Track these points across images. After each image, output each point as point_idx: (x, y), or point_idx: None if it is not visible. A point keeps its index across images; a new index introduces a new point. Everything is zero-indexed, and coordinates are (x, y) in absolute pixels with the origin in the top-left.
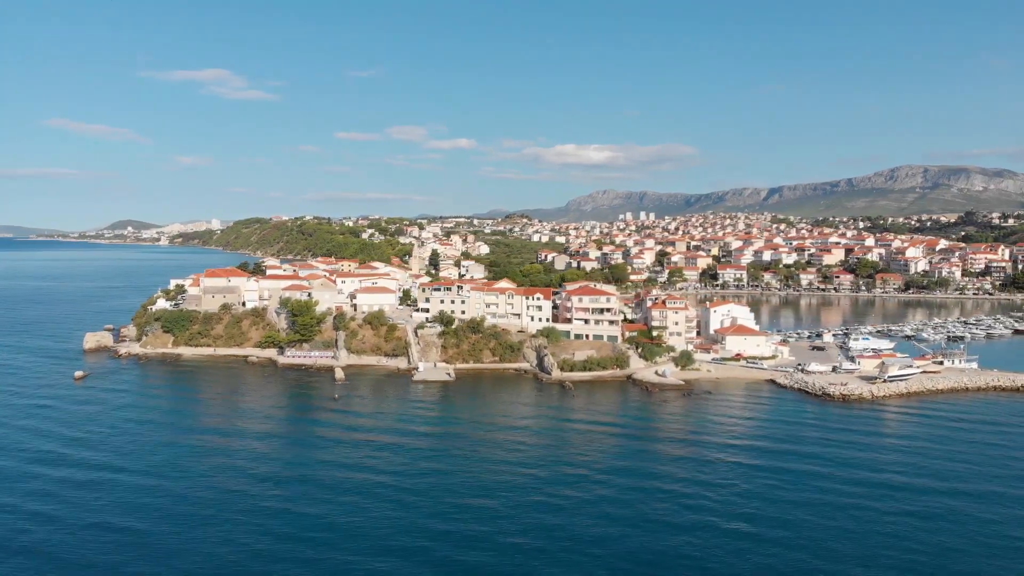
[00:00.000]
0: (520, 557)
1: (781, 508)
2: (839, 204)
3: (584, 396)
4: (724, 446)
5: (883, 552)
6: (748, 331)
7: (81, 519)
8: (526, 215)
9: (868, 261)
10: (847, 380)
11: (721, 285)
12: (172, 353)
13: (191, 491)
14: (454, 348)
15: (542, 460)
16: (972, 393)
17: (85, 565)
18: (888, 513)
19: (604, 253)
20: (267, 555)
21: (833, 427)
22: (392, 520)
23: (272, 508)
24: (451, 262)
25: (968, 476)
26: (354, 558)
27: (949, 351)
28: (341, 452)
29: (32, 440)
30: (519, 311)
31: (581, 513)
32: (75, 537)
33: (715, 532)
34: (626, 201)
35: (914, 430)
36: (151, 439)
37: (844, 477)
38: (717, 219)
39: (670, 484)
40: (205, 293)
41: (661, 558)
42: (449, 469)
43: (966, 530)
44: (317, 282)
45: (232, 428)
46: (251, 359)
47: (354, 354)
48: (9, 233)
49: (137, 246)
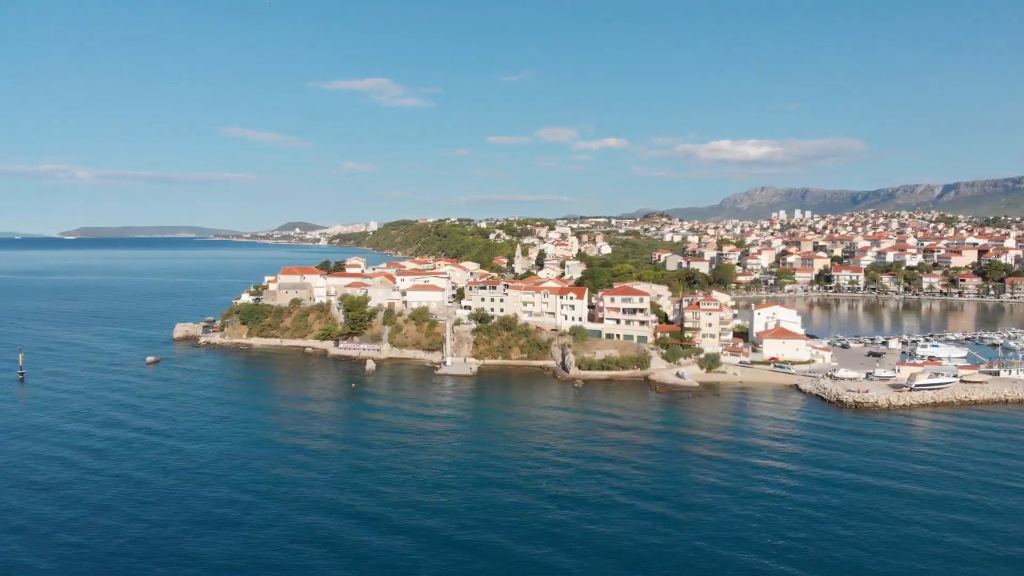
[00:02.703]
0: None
1: (717, 501)
2: (1022, 202)
3: (588, 394)
4: (692, 444)
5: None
6: (787, 334)
7: (111, 470)
8: (666, 215)
9: (1000, 264)
10: (869, 387)
11: (835, 288)
12: (244, 343)
13: (191, 455)
14: (485, 344)
15: (504, 452)
16: (1013, 406)
17: (102, 507)
18: (826, 513)
19: (720, 254)
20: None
21: (826, 434)
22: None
23: (230, 468)
24: (556, 262)
25: (942, 483)
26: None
27: (1006, 361)
28: (319, 428)
29: (98, 408)
30: (553, 310)
31: (528, 504)
32: (100, 485)
33: (640, 515)
34: (785, 198)
35: (912, 439)
36: (183, 412)
37: (801, 480)
38: (869, 219)
39: (619, 481)
40: (280, 289)
41: (595, 547)
42: (407, 455)
43: (902, 532)
44: (377, 280)
45: (248, 405)
46: (307, 350)
47: (396, 347)
48: (192, 233)
49: (299, 246)
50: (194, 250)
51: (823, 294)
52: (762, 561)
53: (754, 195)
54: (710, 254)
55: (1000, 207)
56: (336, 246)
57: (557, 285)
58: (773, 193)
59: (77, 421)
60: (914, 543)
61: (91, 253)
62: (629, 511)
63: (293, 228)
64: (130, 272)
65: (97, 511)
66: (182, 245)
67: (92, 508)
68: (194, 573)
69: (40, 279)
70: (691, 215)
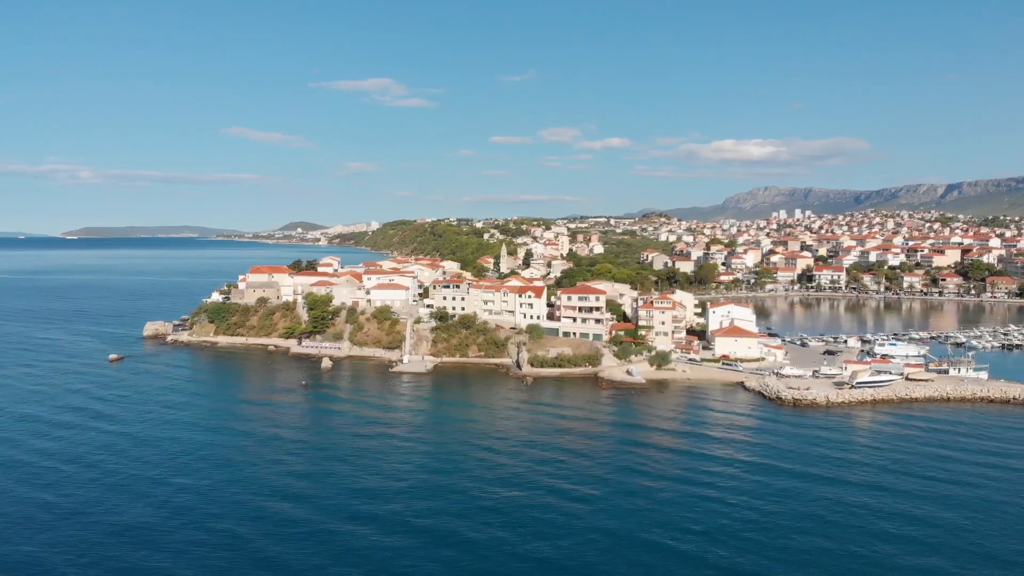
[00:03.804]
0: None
1: (627, 490)
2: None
3: (536, 390)
4: (626, 437)
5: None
6: (740, 332)
7: (63, 454)
8: (664, 215)
9: (981, 263)
10: (811, 385)
11: (816, 287)
12: (210, 341)
13: (130, 442)
14: (444, 342)
15: (440, 443)
16: (953, 403)
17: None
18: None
19: (707, 253)
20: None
21: (761, 429)
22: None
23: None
24: (543, 262)
25: (863, 473)
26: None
27: (956, 359)
28: (257, 424)
29: (48, 401)
30: (513, 308)
31: (412, 496)
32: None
33: (566, 500)
34: (789, 198)
35: (844, 434)
36: (137, 406)
37: (727, 469)
38: (865, 219)
39: (547, 467)
40: (248, 288)
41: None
42: (341, 449)
43: (810, 514)
44: (343, 279)
45: (190, 402)
46: (270, 348)
47: (357, 345)
48: (194, 233)
49: (300, 246)
50: (194, 250)
51: (804, 293)
52: (678, 543)
53: (757, 195)
54: (697, 254)
55: (1004, 207)
56: (336, 246)
57: (521, 284)
58: (776, 193)
59: (26, 411)
60: (817, 523)
61: (91, 253)
62: (559, 497)
63: (295, 228)
64: (125, 271)
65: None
66: (184, 245)
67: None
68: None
69: (36, 278)
70: (694, 215)
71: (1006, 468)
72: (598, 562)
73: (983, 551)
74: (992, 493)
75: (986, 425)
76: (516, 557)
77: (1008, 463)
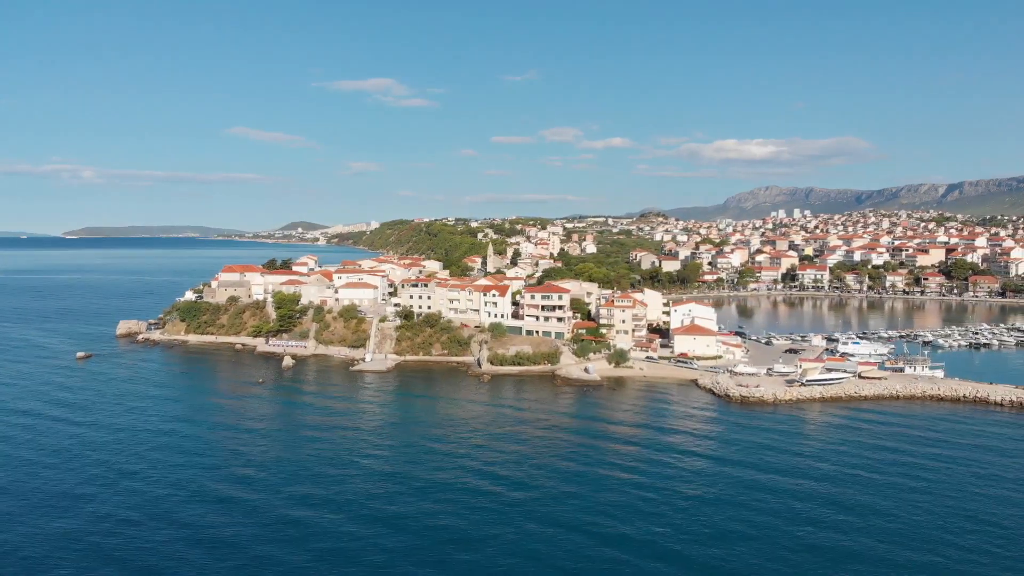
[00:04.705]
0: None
1: (578, 483)
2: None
3: (493, 388)
4: (568, 433)
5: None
6: (699, 330)
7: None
8: (663, 214)
9: (965, 263)
10: (761, 383)
11: (799, 287)
12: (180, 339)
13: (90, 438)
14: (408, 340)
15: (380, 440)
16: (903, 401)
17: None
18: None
19: (695, 253)
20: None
21: (706, 424)
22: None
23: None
24: (531, 262)
25: (800, 470)
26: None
27: (911, 357)
28: (203, 420)
29: (16, 395)
30: (478, 307)
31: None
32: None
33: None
34: (790, 198)
35: (788, 430)
36: (100, 403)
37: (665, 464)
38: (860, 219)
39: (471, 462)
40: (220, 287)
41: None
42: (282, 445)
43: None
44: (313, 278)
45: (146, 399)
46: (237, 346)
47: (323, 344)
48: (196, 233)
49: (299, 245)
50: (194, 249)
51: (787, 293)
52: (602, 529)
53: (759, 195)
54: (684, 253)
55: (1005, 206)
56: (334, 245)
57: (489, 283)
58: (778, 192)
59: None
60: (738, 508)
61: (90, 253)
62: (469, 493)
63: (296, 228)
64: (118, 271)
65: None
66: (184, 245)
67: None
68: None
69: (29, 278)
70: (696, 215)
71: (931, 457)
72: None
73: (894, 539)
74: (917, 483)
75: (928, 420)
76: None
77: (931, 451)
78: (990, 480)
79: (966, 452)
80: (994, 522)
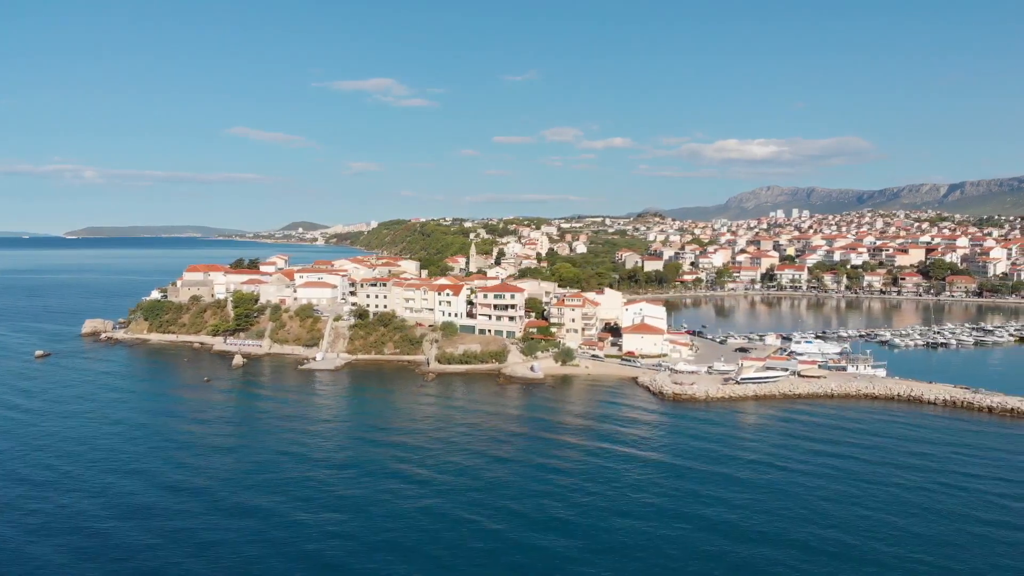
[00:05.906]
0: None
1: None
2: None
3: (437, 386)
4: (503, 427)
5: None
6: (647, 329)
7: None
8: (659, 214)
9: (943, 263)
10: (696, 380)
11: (777, 287)
12: (143, 338)
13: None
14: (361, 339)
15: (310, 435)
16: (837, 400)
17: None
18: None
19: (679, 253)
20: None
21: (637, 419)
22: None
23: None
24: (515, 262)
25: (715, 461)
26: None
27: (853, 356)
28: (145, 416)
29: None
30: (432, 306)
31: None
32: None
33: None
34: (791, 198)
35: (714, 425)
36: (51, 399)
37: (590, 454)
38: (854, 219)
39: (402, 452)
40: (183, 286)
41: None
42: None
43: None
44: (273, 277)
45: (93, 397)
46: (195, 345)
47: (277, 343)
48: (197, 233)
49: (298, 245)
50: (195, 249)
51: (765, 293)
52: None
53: (760, 195)
54: (669, 253)
55: (1006, 206)
56: (333, 245)
57: (448, 283)
58: (779, 192)
59: None
60: (655, 495)
61: (89, 252)
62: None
63: (297, 228)
64: (112, 271)
65: None
66: (185, 245)
67: None
68: None
69: (23, 277)
70: (697, 215)
71: (841, 457)
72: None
73: (777, 533)
74: (826, 482)
75: (858, 418)
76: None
77: (854, 445)
78: (906, 469)
79: (891, 442)
80: (897, 505)
